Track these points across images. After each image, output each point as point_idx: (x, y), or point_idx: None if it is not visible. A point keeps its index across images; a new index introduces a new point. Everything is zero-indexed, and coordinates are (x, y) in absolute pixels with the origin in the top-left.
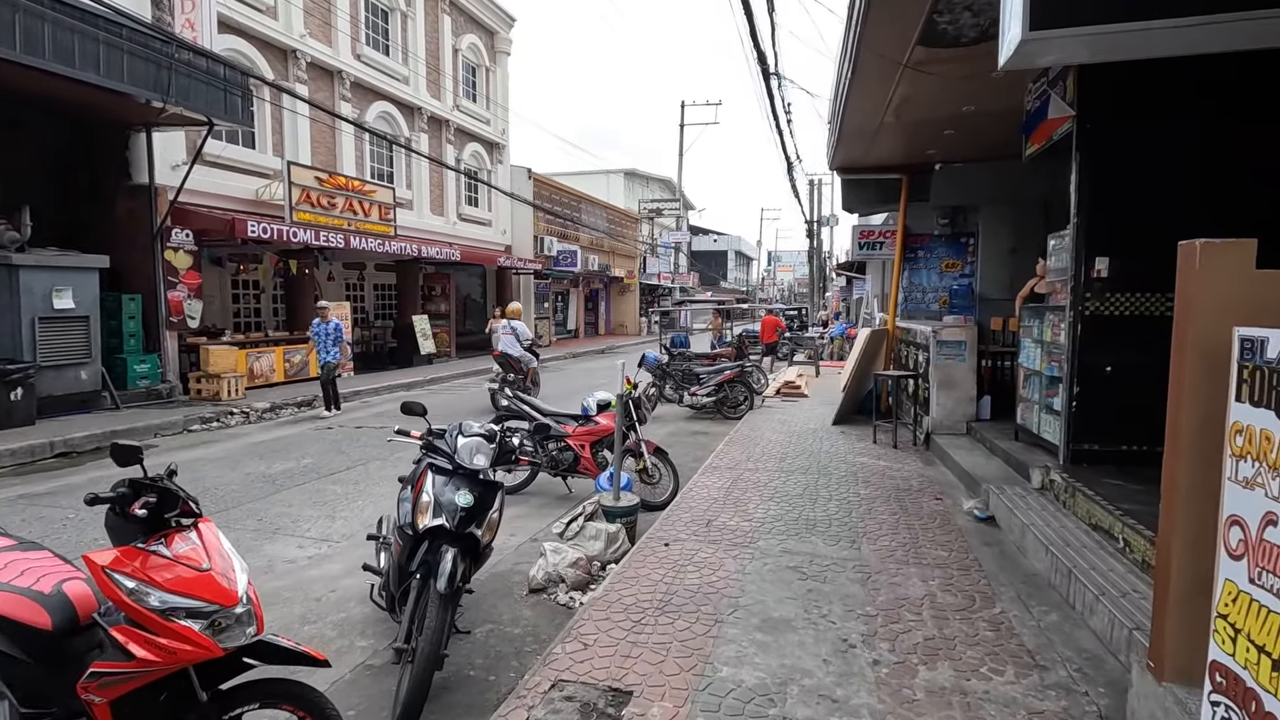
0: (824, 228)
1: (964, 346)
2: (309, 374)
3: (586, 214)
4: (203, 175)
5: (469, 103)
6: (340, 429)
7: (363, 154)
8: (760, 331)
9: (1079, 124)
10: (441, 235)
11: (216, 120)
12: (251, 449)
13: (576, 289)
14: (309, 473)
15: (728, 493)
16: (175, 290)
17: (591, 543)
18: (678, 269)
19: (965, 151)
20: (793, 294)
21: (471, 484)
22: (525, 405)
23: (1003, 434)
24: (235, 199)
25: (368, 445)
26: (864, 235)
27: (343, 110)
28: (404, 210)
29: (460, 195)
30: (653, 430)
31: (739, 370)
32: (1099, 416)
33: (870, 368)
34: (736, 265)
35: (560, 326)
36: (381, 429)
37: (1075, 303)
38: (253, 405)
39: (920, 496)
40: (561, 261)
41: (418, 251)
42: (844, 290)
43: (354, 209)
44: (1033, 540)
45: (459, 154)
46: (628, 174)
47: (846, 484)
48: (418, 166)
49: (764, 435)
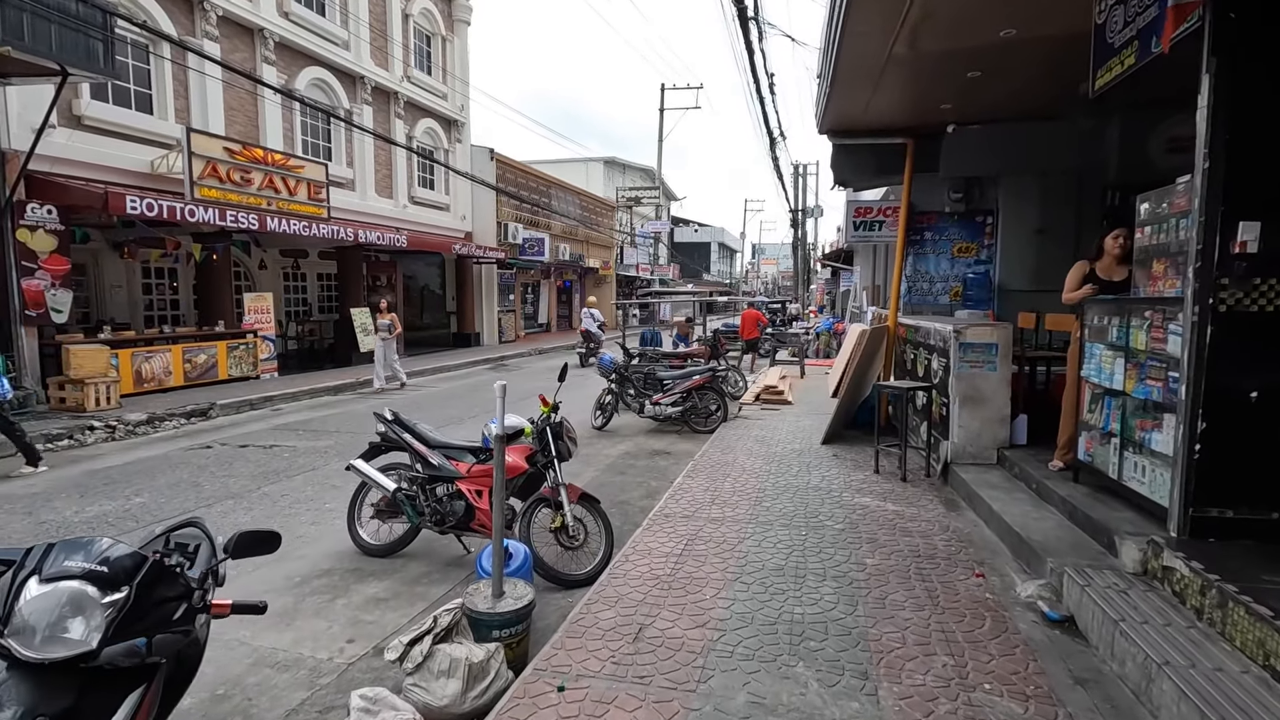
0: (809, 219)
1: (995, 351)
2: (218, 376)
3: (558, 200)
4: (80, 142)
5: (422, 74)
6: (222, 447)
7: (293, 126)
8: (740, 326)
9: (1215, 14)
10: (389, 219)
11: (72, 70)
12: (84, 479)
13: (548, 280)
14: (126, 518)
15: (678, 564)
16: (33, 278)
17: (442, 682)
18: (657, 260)
19: (987, 107)
20: (777, 287)
21: (41, 689)
22: (406, 434)
23: (1049, 469)
24: (124, 171)
25: (237, 474)
26: (860, 212)
27: (265, 75)
28: (344, 191)
29: (413, 176)
30: (605, 449)
31: (710, 375)
32: (1239, 467)
33: (868, 374)
34: (720, 257)
35: (530, 320)
36: (272, 447)
37: (1204, 293)
38: (124, 417)
39: (951, 569)
40: (528, 250)
41: (355, 236)
42: (829, 283)
43: (276, 186)
44: (1172, 692)
45: (410, 130)
46: (607, 162)
47: (846, 544)
48: (361, 143)
49: (737, 459)
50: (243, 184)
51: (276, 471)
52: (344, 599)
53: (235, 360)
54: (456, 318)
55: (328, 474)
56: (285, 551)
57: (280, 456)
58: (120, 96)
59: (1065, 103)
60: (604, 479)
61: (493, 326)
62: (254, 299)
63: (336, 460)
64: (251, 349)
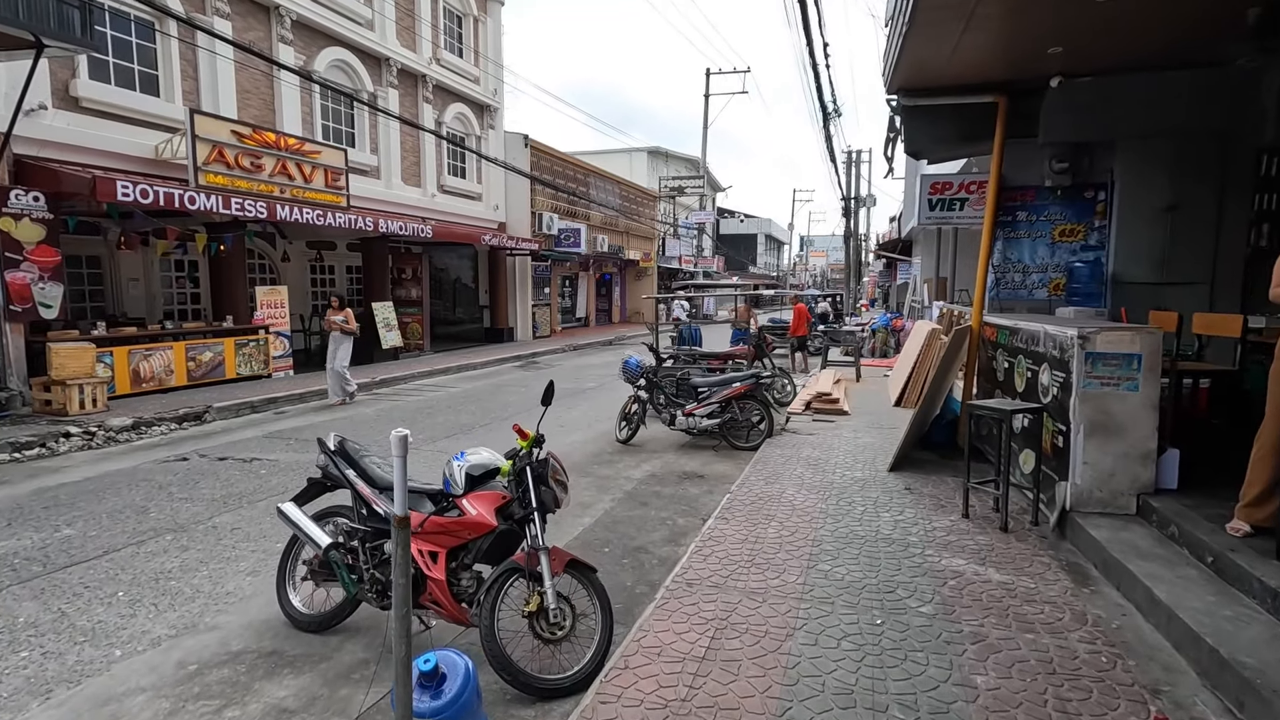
0: (861, 208)
1: (1137, 365)
2: (224, 375)
3: (597, 190)
4: (77, 125)
5: (452, 56)
6: (199, 459)
7: (312, 111)
8: (791, 322)
9: None
10: (416, 209)
11: (47, 41)
12: (28, 501)
13: (586, 273)
14: (34, 560)
15: (698, 678)
16: (18, 271)
17: None
18: (701, 252)
19: (1109, 52)
20: (826, 280)
21: None
22: (350, 470)
23: (1228, 533)
24: (125, 157)
25: (198, 497)
26: (936, 188)
27: (281, 55)
28: (368, 179)
29: (442, 164)
30: (628, 469)
31: (752, 382)
32: None
33: (945, 385)
34: (767, 249)
35: (568, 314)
36: (252, 461)
37: None
38: (107, 422)
39: (1111, 701)
40: (564, 241)
41: (375, 226)
42: (883, 275)
43: (290, 173)
44: None
45: (439, 116)
46: (651, 152)
47: (941, 645)
48: (386, 129)
49: (785, 491)
50: (253, 170)
51: (241, 495)
52: (235, 710)
53: (244, 358)
54: (489, 312)
55: None
56: (199, 615)
57: (255, 474)
58: (123, 77)
59: (1221, 41)
60: (620, 512)
61: (526, 321)
62: (267, 292)
63: None
64: (262, 346)
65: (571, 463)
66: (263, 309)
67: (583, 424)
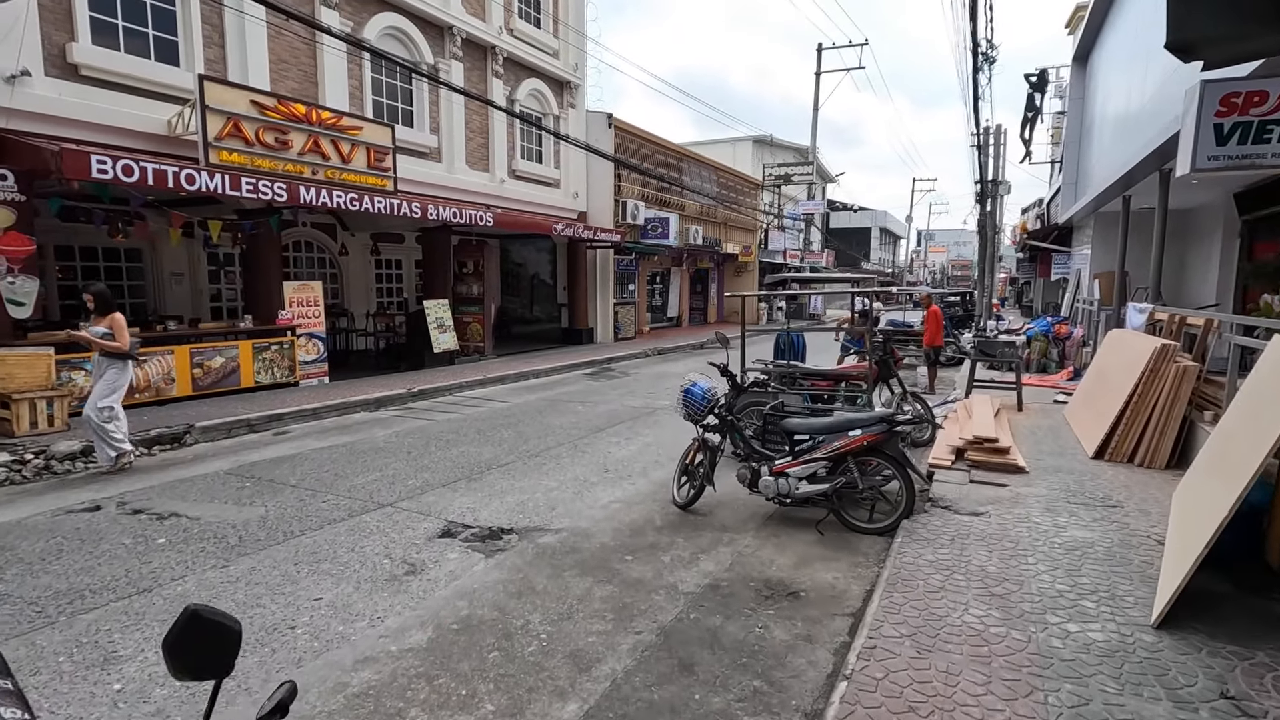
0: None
1: None
2: (239, 383)
3: (691, 176)
4: (75, 96)
5: (527, 26)
6: (115, 509)
7: (361, 85)
8: (925, 328)
9: None
10: (481, 196)
11: None
12: None
13: (679, 268)
14: None
15: None
16: None
17: None
18: (808, 245)
19: None
20: (946, 277)
21: None
22: None
23: None
24: (133, 133)
25: (40, 589)
26: (1231, 105)
27: (324, 18)
28: (427, 162)
29: (514, 147)
30: (674, 569)
31: (884, 431)
32: None
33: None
34: (882, 244)
35: (658, 313)
36: (169, 519)
37: None
38: (54, 447)
39: None
40: (650, 232)
41: (423, 212)
42: (1025, 268)
43: (323, 151)
44: None
45: (511, 93)
46: (757, 141)
47: None
48: (448, 107)
49: (955, 676)
50: (278, 147)
51: (84, 590)
52: None
53: (264, 364)
54: (567, 311)
55: (165, 606)
56: None
57: (149, 543)
58: (136, 43)
59: None
60: (639, 690)
61: (607, 321)
62: (296, 289)
63: (239, 561)
64: (287, 350)
65: (593, 548)
66: (291, 307)
67: (635, 468)
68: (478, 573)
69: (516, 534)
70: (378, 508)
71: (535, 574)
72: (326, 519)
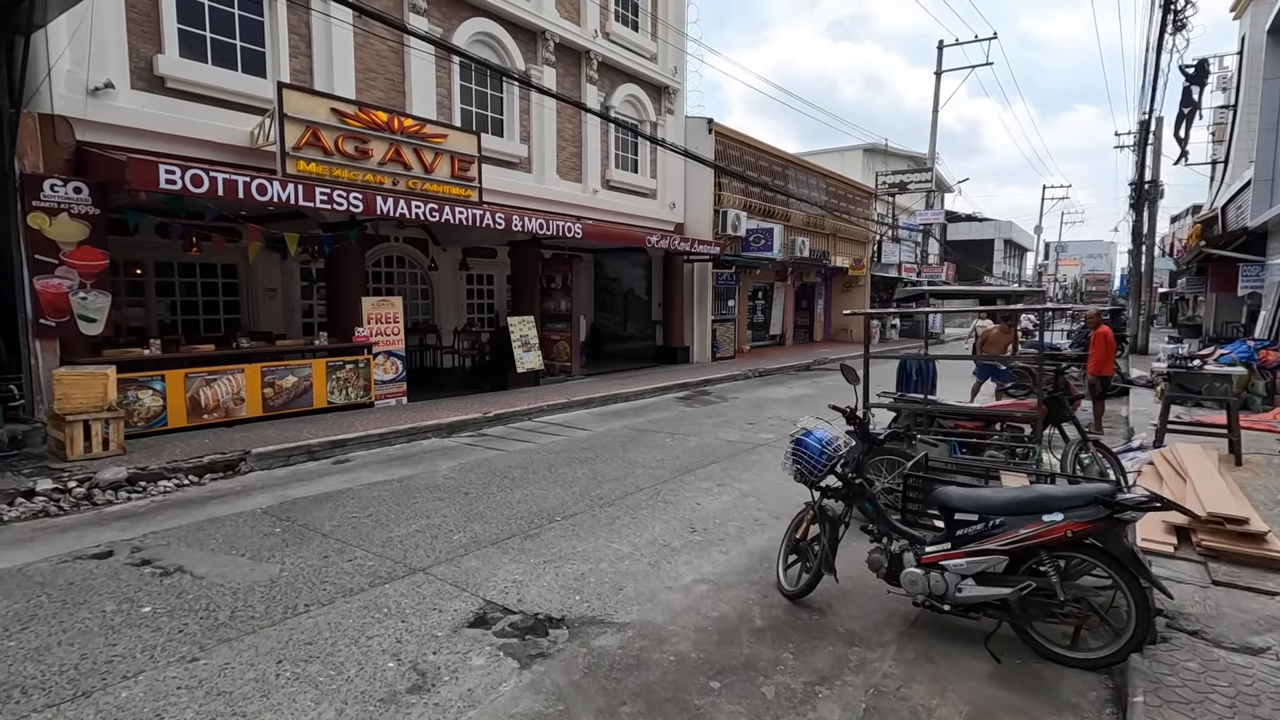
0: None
1: None
2: (311, 404)
3: (797, 184)
4: (159, 109)
5: (624, 29)
6: (127, 557)
7: (450, 94)
8: (1091, 353)
9: None
10: (574, 207)
11: None
12: None
13: (783, 283)
14: None
15: None
16: (51, 277)
17: None
18: (925, 259)
19: None
20: (1080, 293)
21: None
22: None
23: None
24: (217, 145)
25: None
26: None
27: (413, 23)
28: (516, 172)
29: (609, 156)
30: (786, 676)
31: (1102, 519)
32: None
33: None
34: (1007, 256)
35: (760, 330)
36: (172, 576)
37: None
38: (99, 475)
39: None
40: (752, 244)
41: (507, 223)
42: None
43: (404, 160)
44: None
45: (606, 100)
46: (867, 150)
47: None
48: (540, 115)
49: None
50: (358, 156)
51: (19, 690)
52: None
53: (338, 384)
54: (662, 328)
55: None
56: None
57: (129, 617)
58: (223, 55)
59: None
60: None
61: (704, 339)
62: (375, 304)
63: (216, 651)
64: (363, 369)
65: (666, 662)
66: (370, 324)
67: (730, 529)
68: (503, 697)
69: (567, 628)
70: (407, 574)
71: (581, 707)
72: (343, 588)
